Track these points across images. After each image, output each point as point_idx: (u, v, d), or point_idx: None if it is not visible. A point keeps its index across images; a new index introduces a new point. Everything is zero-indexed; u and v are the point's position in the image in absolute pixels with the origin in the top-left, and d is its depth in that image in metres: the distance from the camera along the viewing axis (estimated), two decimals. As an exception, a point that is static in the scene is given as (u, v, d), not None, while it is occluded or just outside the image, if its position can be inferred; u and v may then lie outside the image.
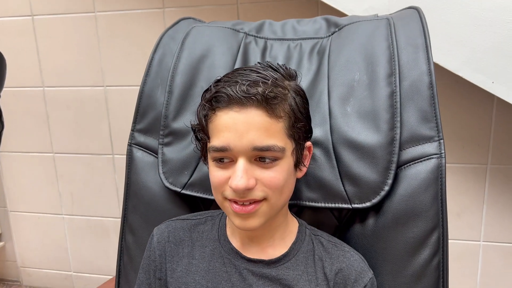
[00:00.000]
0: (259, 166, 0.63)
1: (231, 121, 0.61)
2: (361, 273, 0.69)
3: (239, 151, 0.62)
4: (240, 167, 0.62)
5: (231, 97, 0.61)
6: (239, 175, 0.61)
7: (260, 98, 0.61)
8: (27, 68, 1.85)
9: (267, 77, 0.63)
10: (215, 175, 0.65)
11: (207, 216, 0.78)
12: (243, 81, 0.62)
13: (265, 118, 0.61)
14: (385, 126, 0.76)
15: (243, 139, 0.61)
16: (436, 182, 0.75)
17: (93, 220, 1.96)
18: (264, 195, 0.64)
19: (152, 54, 0.91)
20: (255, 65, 0.67)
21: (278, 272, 0.69)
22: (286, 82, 0.66)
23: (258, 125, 0.61)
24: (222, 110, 0.62)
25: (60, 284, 2.10)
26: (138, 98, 0.90)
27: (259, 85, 0.62)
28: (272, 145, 0.62)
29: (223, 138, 0.62)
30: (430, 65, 0.78)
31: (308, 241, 0.73)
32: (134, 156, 0.90)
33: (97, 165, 1.88)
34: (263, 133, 0.61)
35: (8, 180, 2.02)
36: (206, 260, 0.72)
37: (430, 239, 0.75)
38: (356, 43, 0.83)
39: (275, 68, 0.67)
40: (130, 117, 1.83)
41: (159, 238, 0.75)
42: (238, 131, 0.61)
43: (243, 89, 0.61)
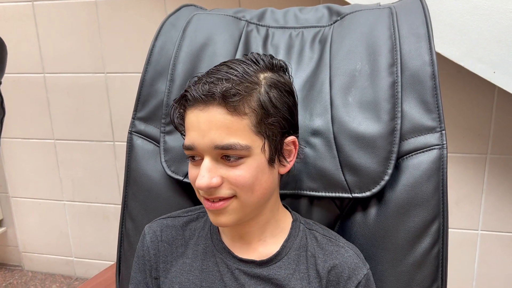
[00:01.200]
0: (225, 164, 0.63)
1: (195, 120, 0.62)
2: (355, 269, 0.69)
3: (203, 149, 0.62)
4: (203, 166, 0.62)
5: (194, 96, 0.62)
6: (201, 174, 0.61)
7: (219, 96, 0.60)
8: (27, 54, 1.84)
9: (234, 73, 0.62)
10: (190, 172, 0.66)
11: (199, 212, 0.77)
12: (208, 79, 0.62)
13: (226, 116, 0.61)
14: (386, 116, 0.76)
15: (205, 137, 0.61)
16: (438, 172, 0.76)
17: (93, 206, 1.97)
18: (232, 192, 0.63)
19: (153, 42, 0.91)
20: (236, 59, 0.67)
21: (270, 272, 0.69)
22: (262, 75, 0.65)
23: (219, 124, 0.61)
24: (189, 109, 0.63)
25: (61, 269, 2.12)
26: (139, 86, 0.90)
27: (222, 82, 0.61)
28: (233, 144, 0.61)
29: (189, 137, 0.63)
30: (432, 55, 0.78)
31: (302, 236, 0.72)
32: (134, 143, 0.90)
33: (97, 151, 1.89)
34: (224, 131, 0.61)
35: (10, 166, 2.03)
36: (199, 259, 0.72)
37: (431, 228, 0.76)
38: (358, 32, 0.83)
39: (255, 60, 0.66)
40: (131, 104, 1.83)
41: (152, 237, 0.75)
42: (201, 130, 0.61)
43: (205, 88, 0.61)
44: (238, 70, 0.63)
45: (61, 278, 2.10)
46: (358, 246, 0.75)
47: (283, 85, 0.66)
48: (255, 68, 0.64)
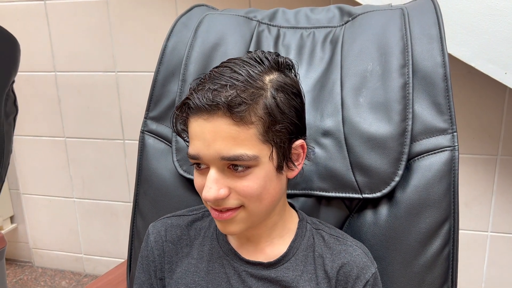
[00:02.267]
0: (232, 174, 0.60)
1: (199, 130, 0.59)
2: (364, 268, 0.68)
3: (208, 160, 0.59)
4: (210, 177, 0.60)
5: (197, 105, 0.58)
6: (208, 186, 0.59)
7: (224, 106, 0.57)
8: (39, 53, 1.86)
9: (239, 78, 0.59)
10: (195, 180, 0.64)
11: (204, 211, 0.76)
12: (211, 85, 0.59)
13: (231, 126, 0.57)
14: (397, 117, 0.76)
15: (210, 148, 0.58)
16: (449, 174, 0.76)
17: (103, 204, 1.99)
18: (240, 203, 0.61)
19: (165, 42, 0.92)
20: (238, 59, 0.63)
21: (278, 273, 0.68)
22: (267, 77, 0.61)
23: (225, 134, 0.58)
24: (192, 117, 0.60)
25: (70, 265, 2.14)
26: (151, 86, 0.91)
27: (226, 90, 0.58)
28: (240, 155, 0.58)
29: (194, 146, 0.60)
30: (444, 57, 0.78)
31: (309, 236, 0.71)
32: (146, 143, 0.91)
33: (107, 150, 1.90)
34: (230, 142, 0.58)
35: (21, 163, 2.05)
36: (205, 260, 0.71)
37: (442, 230, 0.76)
38: (370, 33, 0.83)
39: (259, 60, 0.63)
40: (141, 102, 1.84)
41: (156, 237, 0.73)
42: (206, 140, 0.59)
43: (208, 96, 0.58)
44: (242, 73, 0.59)
45: (70, 274, 2.11)
46: (368, 246, 0.74)
47: (290, 87, 0.63)
48: (260, 69, 0.61)
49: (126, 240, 2.01)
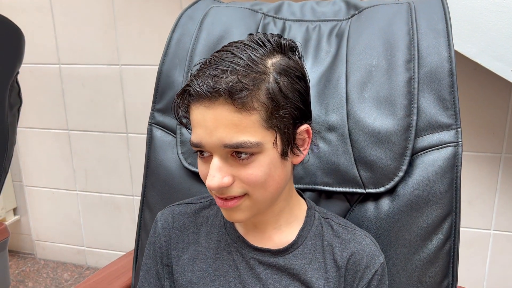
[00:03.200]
0: (235, 162, 0.59)
1: (201, 117, 0.57)
2: (373, 258, 0.67)
3: (211, 148, 0.58)
4: (213, 165, 0.59)
5: (198, 92, 0.56)
6: (211, 174, 0.58)
7: (226, 92, 0.55)
8: (43, 45, 1.86)
9: (240, 62, 0.57)
10: (199, 168, 0.63)
11: (212, 199, 0.76)
12: (211, 71, 0.57)
13: (233, 113, 0.56)
14: (402, 112, 0.76)
15: (213, 136, 0.57)
16: (452, 170, 0.76)
17: (106, 197, 1.99)
18: (244, 191, 0.60)
19: (170, 34, 0.92)
20: (239, 42, 0.60)
21: (286, 261, 0.68)
22: (269, 61, 0.59)
23: (227, 122, 0.56)
24: (194, 105, 0.58)
25: (73, 258, 2.15)
26: (156, 78, 0.91)
27: (226, 75, 0.56)
28: (243, 142, 0.57)
29: (196, 134, 0.59)
30: (451, 52, 0.77)
31: (317, 225, 0.70)
32: (154, 135, 0.91)
33: (111, 143, 1.90)
34: (233, 129, 0.56)
35: (24, 155, 2.05)
36: (212, 248, 0.71)
37: (443, 225, 0.76)
38: (376, 27, 0.82)
39: (261, 43, 0.60)
40: (145, 96, 1.84)
41: (163, 224, 0.74)
42: (207, 128, 0.57)
43: (209, 82, 0.56)
44: (243, 57, 0.57)
45: (72, 267, 2.12)
46: (369, 240, 0.74)
47: (294, 70, 0.61)
48: (262, 52, 0.59)
49: (129, 234, 2.01)
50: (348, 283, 0.68)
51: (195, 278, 0.70)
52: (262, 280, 0.67)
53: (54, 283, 1.99)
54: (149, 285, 0.74)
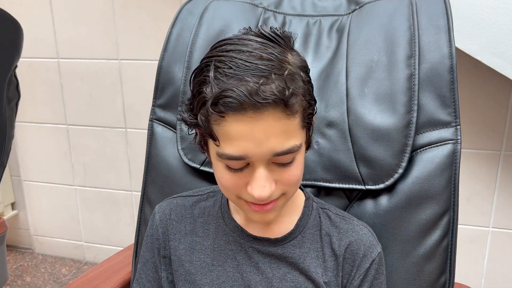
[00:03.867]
0: (277, 166, 0.57)
1: (246, 129, 0.53)
2: (370, 247, 0.68)
3: (257, 159, 0.55)
4: (261, 175, 0.56)
5: (243, 102, 0.51)
6: (261, 185, 0.56)
7: (277, 101, 0.52)
8: (42, 39, 1.85)
9: (274, 64, 0.53)
10: (227, 178, 0.59)
11: (209, 192, 0.76)
12: (252, 78, 0.52)
13: (283, 120, 0.54)
14: (402, 109, 0.76)
15: (263, 147, 0.54)
16: (451, 167, 0.76)
17: (104, 192, 1.99)
18: (282, 192, 0.60)
19: (170, 28, 0.91)
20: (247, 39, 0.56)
21: (284, 250, 0.68)
22: (289, 58, 0.56)
23: (278, 130, 0.54)
24: (232, 116, 0.53)
25: (71, 253, 2.15)
26: (157, 73, 0.90)
27: (272, 80, 0.52)
28: (292, 147, 0.56)
29: (238, 148, 0.54)
30: (451, 48, 0.77)
31: (315, 215, 0.71)
32: (155, 131, 0.91)
33: (109, 138, 1.90)
34: (283, 136, 0.54)
35: (22, 150, 2.05)
36: (210, 238, 0.71)
37: (441, 221, 0.76)
38: (377, 23, 0.82)
39: (273, 39, 0.56)
40: (144, 91, 1.84)
41: (161, 216, 0.74)
42: (256, 140, 0.53)
43: (256, 91, 0.51)
44: (273, 58, 0.54)
45: (70, 262, 2.12)
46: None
47: (305, 64, 0.59)
48: (280, 50, 0.56)
49: (127, 229, 2.01)
50: (346, 272, 0.68)
51: (193, 268, 0.70)
52: (261, 269, 0.68)
53: (52, 278, 1.99)
54: (146, 277, 0.75)
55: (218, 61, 0.54)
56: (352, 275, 0.68)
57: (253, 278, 0.68)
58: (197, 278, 0.70)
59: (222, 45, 0.56)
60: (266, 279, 0.68)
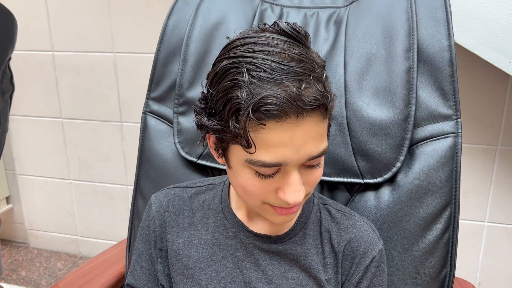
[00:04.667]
0: (305, 169, 0.56)
1: (287, 136, 0.51)
2: (371, 244, 0.67)
3: (294, 164, 0.53)
4: (296, 180, 0.55)
5: (286, 109, 0.49)
6: (296, 189, 0.55)
7: (318, 105, 0.51)
8: (37, 32, 1.83)
9: (307, 66, 0.51)
10: (255, 185, 0.56)
11: (208, 185, 0.75)
12: (289, 81, 0.49)
13: (320, 124, 0.52)
14: (400, 102, 0.75)
15: (300, 152, 0.52)
16: (452, 160, 0.75)
17: (99, 186, 1.98)
18: (307, 193, 0.59)
19: (166, 20, 0.90)
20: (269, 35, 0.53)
21: (286, 247, 0.67)
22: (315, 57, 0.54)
23: (315, 134, 0.52)
24: (273, 123, 0.50)
25: (66, 247, 2.14)
26: (152, 66, 0.89)
27: (311, 84, 0.50)
28: (324, 149, 0.55)
29: (276, 155, 0.52)
30: (450, 41, 0.76)
31: (316, 211, 0.70)
32: (148, 123, 0.90)
33: (105, 132, 1.89)
34: (318, 140, 0.53)
35: (17, 143, 2.03)
36: (209, 232, 0.70)
37: (443, 215, 0.76)
38: (375, 15, 0.81)
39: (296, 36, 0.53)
40: (139, 84, 1.82)
41: (158, 207, 0.72)
42: (295, 146, 0.51)
43: (298, 96, 0.49)
44: (304, 59, 0.51)
45: (66, 256, 2.11)
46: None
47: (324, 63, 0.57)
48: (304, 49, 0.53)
49: (123, 223, 2.01)
50: (345, 269, 0.67)
51: (190, 263, 0.69)
52: (261, 266, 0.67)
53: (48, 272, 1.98)
54: (141, 269, 0.73)
55: (248, 63, 0.51)
56: (351, 272, 0.67)
57: (253, 275, 0.67)
58: (196, 273, 0.69)
59: (246, 44, 0.53)
60: (266, 276, 0.67)
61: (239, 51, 0.52)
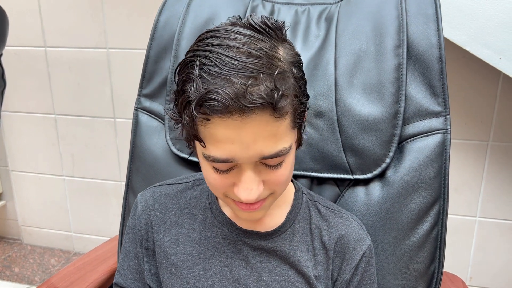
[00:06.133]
0: (264, 167, 0.56)
1: (233, 132, 0.50)
2: (360, 240, 0.68)
3: (245, 162, 0.53)
4: (248, 178, 0.54)
5: (229, 106, 0.48)
6: (248, 188, 0.54)
7: (265, 104, 0.49)
8: (29, 27, 1.82)
9: (263, 62, 0.50)
10: (214, 177, 0.57)
11: (194, 180, 0.74)
12: (237, 77, 0.48)
13: (272, 123, 0.51)
14: (390, 99, 0.76)
15: (250, 150, 0.52)
16: (441, 156, 0.76)
17: (93, 182, 1.98)
18: (271, 192, 0.59)
19: (157, 16, 0.90)
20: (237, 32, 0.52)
21: (274, 244, 0.67)
22: (281, 53, 0.53)
23: (266, 133, 0.51)
24: (218, 118, 0.50)
25: (60, 244, 2.14)
26: (144, 63, 0.89)
27: (261, 81, 0.49)
28: (280, 150, 0.53)
29: (225, 151, 0.52)
30: (440, 38, 0.77)
31: (305, 208, 0.70)
32: (139, 120, 0.90)
33: (98, 128, 1.88)
34: (271, 140, 0.52)
35: (10, 139, 2.02)
36: (197, 230, 0.69)
37: (432, 210, 0.77)
38: (365, 11, 0.81)
39: (263, 31, 0.53)
40: (133, 80, 1.82)
41: (143, 206, 0.71)
42: (243, 143, 0.51)
43: (242, 93, 0.48)
44: (262, 55, 0.50)
45: (59, 252, 2.11)
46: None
47: (298, 57, 0.56)
48: (271, 43, 0.52)
49: (116, 219, 2.01)
50: (336, 265, 0.68)
51: (178, 261, 0.69)
52: (250, 263, 0.67)
53: (41, 269, 1.98)
54: (128, 268, 0.73)
55: (204, 56, 0.51)
56: (343, 269, 0.68)
57: (242, 272, 0.67)
58: (183, 271, 0.68)
59: (209, 38, 0.53)
60: (255, 273, 0.67)
61: (201, 44, 0.53)
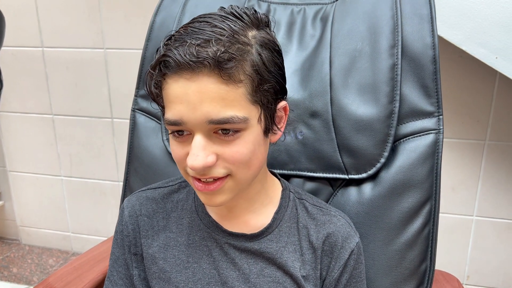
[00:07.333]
0: (220, 139, 0.56)
1: (181, 91, 0.53)
2: (348, 238, 0.68)
3: (194, 125, 0.54)
4: (196, 143, 0.55)
5: (179, 62, 0.52)
6: (195, 153, 0.54)
7: (212, 62, 0.52)
8: (26, 27, 1.82)
9: (223, 32, 0.53)
10: (174, 149, 0.58)
11: (180, 182, 0.73)
12: (193, 41, 0.52)
13: (220, 85, 0.52)
14: (385, 99, 0.76)
15: (197, 111, 0.53)
16: (433, 156, 0.77)
17: (91, 182, 1.98)
18: (227, 171, 0.57)
19: (153, 17, 0.90)
20: (214, 14, 0.57)
21: (261, 245, 0.66)
22: (249, 33, 0.57)
23: (213, 95, 0.52)
24: (171, 77, 0.54)
25: (58, 244, 2.14)
26: (140, 63, 0.90)
27: (211, 45, 0.52)
28: (230, 117, 0.53)
29: (175, 111, 0.54)
30: (434, 38, 0.77)
31: (292, 207, 0.69)
32: (137, 121, 0.91)
33: (96, 128, 1.88)
34: (219, 103, 0.53)
35: (8, 140, 2.02)
36: (184, 234, 0.69)
37: (423, 209, 0.77)
38: (360, 11, 0.82)
39: (238, 15, 0.57)
40: (130, 80, 1.82)
41: (130, 212, 0.71)
42: (190, 103, 0.53)
43: (192, 51, 0.52)
44: (225, 28, 0.54)
45: (58, 252, 2.11)
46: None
47: (273, 44, 0.59)
48: (241, 25, 0.56)
49: (114, 219, 2.01)
50: (325, 264, 0.68)
51: (167, 265, 0.68)
52: (237, 265, 0.67)
53: (39, 269, 1.98)
54: (117, 274, 0.72)
55: (178, 32, 0.56)
56: (332, 267, 0.67)
57: (230, 274, 0.67)
58: (172, 275, 0.68)
59: (194, 21, 0.57)
60: (243, 275, 0.66)
61: (184, 26, 0.57)
